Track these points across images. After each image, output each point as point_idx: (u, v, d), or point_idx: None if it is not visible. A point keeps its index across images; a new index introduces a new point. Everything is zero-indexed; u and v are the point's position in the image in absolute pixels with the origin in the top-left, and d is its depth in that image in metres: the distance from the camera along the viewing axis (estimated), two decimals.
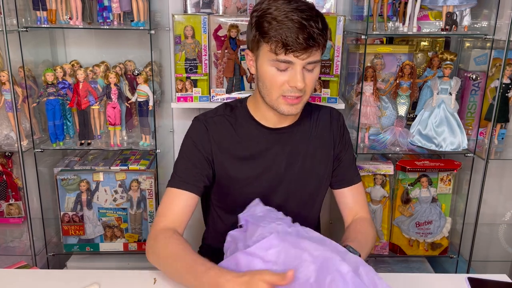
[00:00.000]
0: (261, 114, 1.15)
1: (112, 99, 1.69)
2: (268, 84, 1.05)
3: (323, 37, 1.00)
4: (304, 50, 0.98)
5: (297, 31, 0.96)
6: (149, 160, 1.85)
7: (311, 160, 1.19)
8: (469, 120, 1.77)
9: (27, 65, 1.68)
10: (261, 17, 1.01)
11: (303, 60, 1.00)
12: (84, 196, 1.77)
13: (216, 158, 1.14)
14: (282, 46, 0.98)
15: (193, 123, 1.17)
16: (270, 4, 1.00)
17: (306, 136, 1.19)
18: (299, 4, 0.99)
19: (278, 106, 1.07)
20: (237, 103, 1.20)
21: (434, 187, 1.77)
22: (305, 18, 0.97)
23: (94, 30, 1.86)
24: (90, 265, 1.88)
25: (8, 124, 1.73)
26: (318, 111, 1.23)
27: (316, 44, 0.99)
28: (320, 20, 0.99)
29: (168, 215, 1.08)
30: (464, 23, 1.62)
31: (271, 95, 1.06)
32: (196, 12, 1.74)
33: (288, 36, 0.97)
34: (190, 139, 1.15)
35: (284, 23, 0.97)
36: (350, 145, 1.26)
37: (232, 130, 1.15)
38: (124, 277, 1.07)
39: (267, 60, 1.03)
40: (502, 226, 2.00)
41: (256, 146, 1.15)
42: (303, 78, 1.01)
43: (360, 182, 1.25)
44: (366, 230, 1.16)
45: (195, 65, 1.67)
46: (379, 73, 1.71)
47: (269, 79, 1.04)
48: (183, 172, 1.12)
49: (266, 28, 0.99)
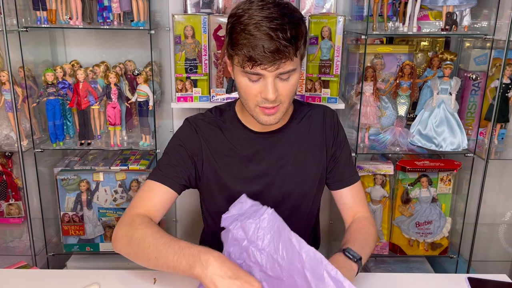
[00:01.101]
0: (248, 119, 1.14)
1: (112, 99, 1.69)
2: (244, 95, 1.04)
3: (293, 47, 0.95)
4: (271, 62, 0.94)
5: (263, 43, 0.93)
6: (149, 160, 1.84)
7: (303, 161, 1.17)
8: (469, 120, 1.77)
9: (27, 65, 1.68)
10: (233, 26, 0.98)
11: (272, 72, 0.96)
12: (84, 196, 1.77)
13: (205, 160, 1.14)
14: (248, 59, 0.95)
15: (184, 124, 1.17)
16: (245, 10, 0.97)
17: (296, 137, 1.17)
18: (271, 11, 0.94)
19: (256, 116, 1.05)
20: (226, 106, 1.20)
21: (434, 187, 1.77)
22: (274, 28, 0.93)
23: (94, 30, 1.86)
24: (90, 265, 1.88)
25: (8, 124, 1.73)
26: (310, 110, 1.22)
27: (284, 56, 0.94)
28: (290, 28, 0.94)
29: (145, 205, 1.06)
30: (464, 23, 1.62)
31: (248, 105, 1.05)
32: (196, 12, 1.74)
33: (254, 49, 0.93)
34: (177, 138, 1.15)
35: (252, 34, 0.93)
36: (346, 143, 1.24)
37: (222, 134, 1.15)
38: (124, 277, 1.07)
39: (239, 71, 1.01)
40: (502, 226, 2.00)
41: (245, 150, 1.14)
42: (275, 89, 0.98)
43: (359, 180, 1.23)
44: (367, 230, 1.15)
45: (195, 65, 1.67)
46: (379, 73, 1.71)
47: (243, 89, 1.02)
48: (165, 167, 1.11)
49: (235, 39, 0.97)
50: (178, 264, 0.88)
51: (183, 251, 0.89)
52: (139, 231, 0.97)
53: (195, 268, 0.85)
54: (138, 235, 0.97)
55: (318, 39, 1.64)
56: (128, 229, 1.00)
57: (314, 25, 1.64)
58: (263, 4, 0.96)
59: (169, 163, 1.12)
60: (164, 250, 0.91)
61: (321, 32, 1.63)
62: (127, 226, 1.01)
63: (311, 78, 1.70)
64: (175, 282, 1.04)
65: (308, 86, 1.71)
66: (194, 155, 1.13)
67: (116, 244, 1.01)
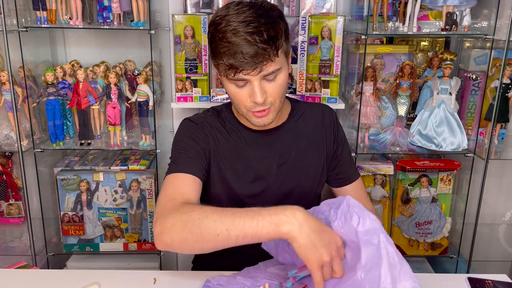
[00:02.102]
0: (245, 120, 1.14)
1: (112, 99, 1.69)
2: (234, 100, 1.05)
3: (272, 47, 0.95)
4: (252, 67, 0.95)
5: (242, 48, 0.93)
6: (149, 160, 1.85)
7: (303, 159, 1.18)
8: (469, 120, 1.77)
9: (27, 65, 1.68)
10: (213, 36, 0.99)
11: (256, 76, 0.97)
12: (84, 196, 1.77)
13: (213, 159, 1.13)
14: (229, 67, 0.96)
15: (185, 123, 1.15)
16: (222, 17, 0.97)
17: (296, 134, 1.18)
18: (247, 14, 0.95)
19: (250, 119, 1.06)
20: (223, 107, 1.21)
21: (434, 187, 1.77)
22: (250, 32, 0.93)
23: (94, 30, 1.86)
24: (90, 265, 1.88)
25: (8, 124, 1.73)
26: (308, 109, 1.22)
27: (264, 59, 0.94)
28: (267, 29, 0.94)
29: (181, 195, 0.98)
30: (464, 23, 1.62)
31: (240, 110, 1.06)
32: (196, 12, 1.74)
33: (234, 56, 0.94)
34: (184, 135, 1.12)
35: (230, 41, 0.94)
36: (345, 142, 1.25)
37: (224, 134, 1.15)
38: (124, 277, 1.07)
39: (225, 79, 1.01)
40: (502, 226, 2.00)
41: (246, 149, 1.15)
42: (262, 91, 0.98)
43: (360, 177, 1.25)
44: None
45: (195, 65, 1.67)
46: (379, 73, 1.71)
47: (233, 96, 1.03)
48: (184, 159, 1.07)
49: (215, 48, 0.98)
50: (259, 227, 0.81)
51: (260, 214, 0.83)
52: (196, 212, 0.88)
53: (283, 226, 0.80)
54: (197, 215, 0.87)
55: (318, 39, 1.64)
56: (179, 215, 0.89)
57: (314, 25, 1.64)
58: (239, 9, 0.96)
59: (185, 156, 1.08)
60: (237, 219, 0.83)
61: (321, 32, 1.63)
62: (176, 213, 0.90)
63: (311, 78, 1.70)
64: (175, 282, 1.04)
65: (308, 86, 1.71)
66: (205, 151, 1.11)
67: (166, 236, 0.88)
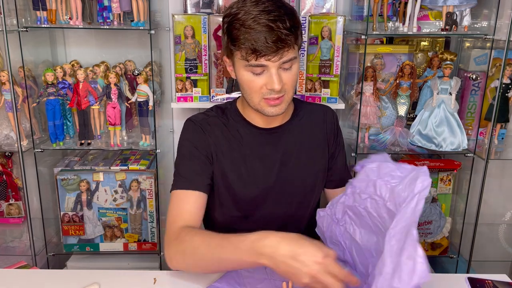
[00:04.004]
0: (250, 115, 1.15)
1: (112, 99, 1.69)
2: (248, 89, 1.05)
3: (293, 36, 0.99)
4: (274, 52, 0.97)
5: (265, 34, 0.95)
6: (149, 160, 1.85)
7: (305, 159, 1.19)
8: (469, 120, 1.77)
9: (27, 65, 1.68)
10: (230, 24, 1.00)
11: (276, 62, 0.99)
12: (84, 196, 1.77)
13: (215, 160, 1.14)
14: (252, 52, 0.97)
15: (187, 125, 1.17)
16: (239, 8, 0.99)
17: (299, 134, 1.19)
18: (266, 5, 0.98)
19: (262, 109, 1.07)
20: (227, 105, 1.21)
21: (434, 187, 1.77)
22: (272, 19, 0.96)
23: (94, 30, 1.85)
24: (90, 265, 1.88)
25: (8, 124, 1.73)
26: (311, 109, 1.23)
27: (286, 45, 0.98)
28: (288, 19, 0.98)
29: (181, 217, 1.05)
30: (464, 23, 1.62)
31: (253, 100, 1.06)
32: (196, 12, 1.74)
33: (256, 41, 0.96)
34: (187, 140, 1.14)
35: (252, 28, 0.96)
36: (343, 147, 1.27)
37: (226, 132, 1.15)
38: (124, 277, 1.07)
39: (242, 66, 1.02)
40: (502, 226, 2.00)
41: (249, 147, 1.15)
42: (279, 79, 1.01)
43: None
44: None
45: (195, 65, 1.67)
46: (379, 73, 1.71)
47: (247, 84, 1.04)
48: (187, 172, 1.11)
49: (235, 35, 0.99)
50: (242, 262, 0.88)
51: (238, 248, 0.87)
52: (188, 243, 0.97)
53: (260, 261, 0.84)
54: (190, 247, 0.96)
55: (318, 39, 1.64)
56: (177, 245, 0.99)
57: (314, 25, 1.63)
58: (257, 0, 0.99)
59: (188, 167, 1.11)
60: (222, 253, 0.90)
61: (321, 32, 1.63)
62: (176, 242, 1.00)
63: (311, 78, 1.70)
64: (175, 282, 1.04)
65: (308, 86, 1.71)
66: (208, 155, 1.13)
67: (173, 262, 1.00)
